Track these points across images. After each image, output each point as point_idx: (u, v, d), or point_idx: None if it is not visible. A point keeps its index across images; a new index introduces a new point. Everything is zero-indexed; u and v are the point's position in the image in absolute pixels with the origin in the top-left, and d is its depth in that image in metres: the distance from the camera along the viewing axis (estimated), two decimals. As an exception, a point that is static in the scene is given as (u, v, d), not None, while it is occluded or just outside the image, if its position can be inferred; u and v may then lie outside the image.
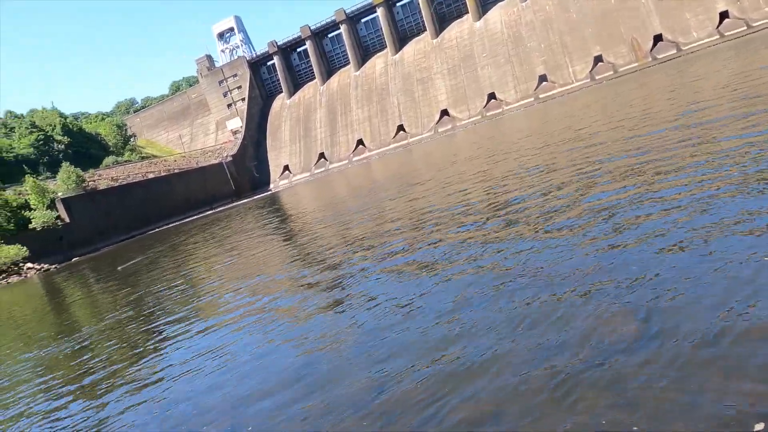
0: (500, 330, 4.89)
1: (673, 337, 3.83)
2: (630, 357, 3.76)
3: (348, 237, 12.99)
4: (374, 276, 8.30)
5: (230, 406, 5.16)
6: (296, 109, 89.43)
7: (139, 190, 68.15)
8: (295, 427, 4.31)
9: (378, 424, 3.95)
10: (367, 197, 22.33)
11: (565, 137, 19.30)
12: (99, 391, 7.00)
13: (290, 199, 40.23)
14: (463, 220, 10.30)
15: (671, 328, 3.95)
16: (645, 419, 3.09)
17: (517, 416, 3.51)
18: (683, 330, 3.88)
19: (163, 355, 7.78)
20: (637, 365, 3.64)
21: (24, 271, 48.26)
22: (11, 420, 6.95)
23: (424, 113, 75.51)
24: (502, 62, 70.86)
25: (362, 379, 4.80)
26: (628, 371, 3.60)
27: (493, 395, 3.86)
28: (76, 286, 25.55)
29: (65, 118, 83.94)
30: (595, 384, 3.58)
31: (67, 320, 15.27)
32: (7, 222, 52.13)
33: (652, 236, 5.92)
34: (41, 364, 9.75)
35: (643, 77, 41.58)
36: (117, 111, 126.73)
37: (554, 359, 4.07)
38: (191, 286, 13.61)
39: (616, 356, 3.83)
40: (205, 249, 22.43)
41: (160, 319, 10.29)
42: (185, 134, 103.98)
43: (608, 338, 4.12)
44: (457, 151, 32.86)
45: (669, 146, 10.56)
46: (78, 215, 58.35)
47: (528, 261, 6.55)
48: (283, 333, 6.95)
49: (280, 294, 9.31)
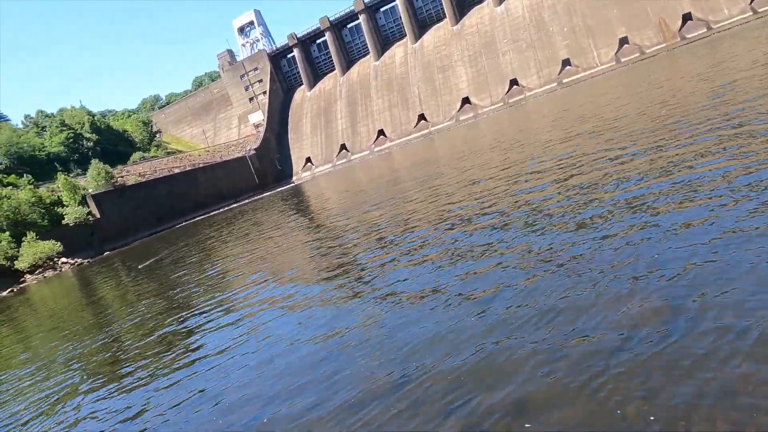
0: (532, 322, 4.86)
1: (703, 330, 3.75)
2: (661, 349, 3.71)
3: (373, 228, 13.03)
4: (401, 267, 8.33)
5: (259, 399, 5.28)
6: (317, 101, 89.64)
7: (166, 185, 69.52)
8: (324, 421, 4.38)
9: (405, 417, 3.99)
10: (390, 188, 22.32)
11: (591, 123, 18.91)
12: (130, 381, 7.23)
13: (313, 191, 40.50)
14: (488, 210, 10.22)
15: (702, 321, 3.87)
16: (668, 409, 3.05)
17: (543, 406, 3.51)
18: (714, 322, 3.80)
19: (192, 348, 7.97)
20: (667, 357, 3.58)
21: (59, 265, 49.94)
22: (49, 407, 7.25)
23: (444, 102, 74.82)
24: (523, 47, 69.57)
25: (391, 373, 4.84)
26: (656, 363, 3.55)
27: (521, 386, 3.86)
28: (107, 279, 26.32)
29: (93, 116, 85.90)
30: (624, 376, 3.54)
31: (101, 313, 15.76)
32: (42, 218, 53.89)
33: (687, 226, 5.79)
34: (76, 355, 10.10)
35: (672, 58, 40.31)
36: (142, 108, 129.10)
37: (583, 351, 4.03)
38: (218, 278, 13.87)
39: (646, 348, 3.78)
40: (231, 242, 22.79)
41: (188, 311, 10.53)
42: (208, 129, 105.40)
43: (640, 330, 4.07)
44: (479, 139, 32.52)
45: (702, 131, 10.26)
46: (108, 211, 59.93)
47: (558, 252, 6.47)
48: (310, 325, 7.04)
49: (306, 286, 9.42)
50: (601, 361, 3.78)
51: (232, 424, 4.85)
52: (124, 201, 62.76)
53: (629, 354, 3.75)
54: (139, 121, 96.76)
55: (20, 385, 9.36)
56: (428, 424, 3.76)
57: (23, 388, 9.06)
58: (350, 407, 4.38)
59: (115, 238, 58.89)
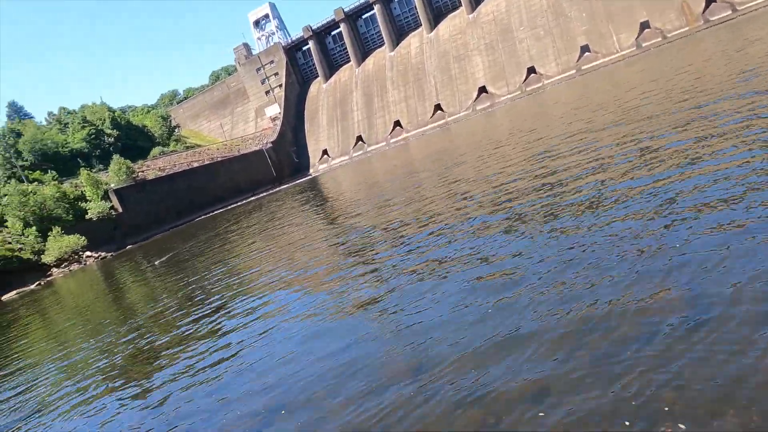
0: (554, 310, 4.84)
1: (721, 322, 3.69)
2: (679, 337, 3.66)
3: (390, 220, 13.05)
4: (420, 257, 8.33)
5: (279, 389, 5.36)
6: (332, 93, 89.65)
7: (185, 179, 70.48)
8: (343, 414, 4.44)
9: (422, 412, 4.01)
10: (407, 180, 22.29)
11: (612, 111, 18.57)
12: (155, 371, 7.41)
13: (330, 184, 40.65)
14: (506, 202, 10.15)
15: (721, 311, 3.81)
16: (687, 399, 3.01)
17: (564, 394, 3.49)
18: (732, 313, 3.73)
19: (214, 338, 8.11)
20: (685, 346, 3.53)
21: (83, 259, 51.13)
22: (79, 398, 7.47)
23: (461, 91, 74.15)
24: (541, 34, 68.43)
25: (410, 361, 4.87)
26: (675, 352, 3.51)
27: (538, 374, 3.85)
28: (130, 272, 26.87)
29: (113, 112, 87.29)
30: (642, 364, 3.50)
31: (125, 305, 16.13)
32: (67, 213, 55.18)
33: (716, 211, 5.67)
34: (103, 346, 10.37)
35: (695, 42, 39.26)
36: (161, 103, 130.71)
37: (607, 339, 4.00)
38: (238, 272, 14.06)
39: (665, 337, 3.73)
40: (250, 235, 23.04)
41: (209, 303, 10.71)
42: (226, 123, 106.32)
43: (659, 319, 4.01)
44: (496, 129, 32.21)
45: (725, 119, 10.01)
46: (130, 205, 61.06)
47: (580, 241, 6.41)
48: (329, 318, 7.10)
49: (325, 278, 9.50)
50: (627, 349, 3.74)
51: (253, 412, 4.94)
52: (144, 195, 63.86)
53: (657, 343, 3.71)
54: (158, 116, 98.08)
55: (52, 375, 9.65)
56: (446, 410, 3.78)
57: (55, 378, 9.34)
58: (368, 394, 4.42)
59: (136, 232, 60.01)
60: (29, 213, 52.30)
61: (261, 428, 4.62)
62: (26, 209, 52.21)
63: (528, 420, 3.39)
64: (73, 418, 6.72)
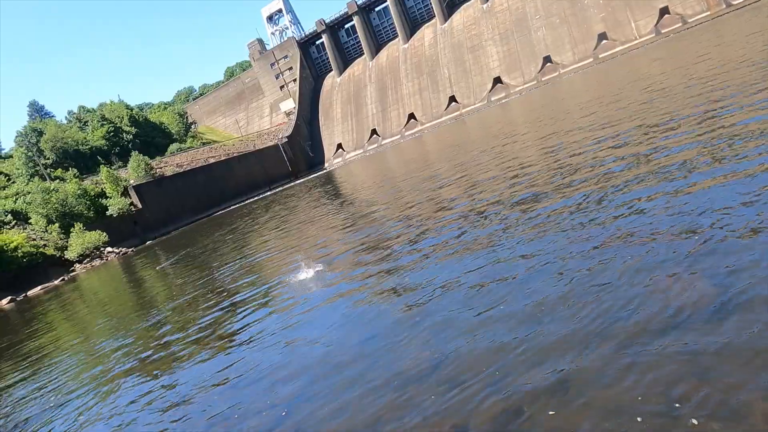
0: (577, 300, 4.79)
1: (748, 312, 3.61)
2: (705, 330, 3.59)
3: (407, 214, 13.03)
4: (437, 252, 8.31)
5: (300, 378, 5.40)
6: (346, 87, 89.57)
7: (203, 174, 71.24)
8: (361, 402, 4.46)
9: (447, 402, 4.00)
10: (422, 172, 22.21)
11: (632, 102, 18.24)
12: (176, 364, 7.52)
13: (345, 178, 40.70)
14: (525, 196, 10.05)
15: (747, 303, 3.72)
16: (722, 395, 2.96)
17: (586, 386, 3.46)
18: (759, 304, 3.64)
19: (234, 330, 8.20)
20: (711, 339, 3.46)
21: (105, 254, 52.11)
22: (100, 389, 7.63)
23: (476, 82, 73.48)
24: (557, 23, 67.35)
25: (431, 353, 4.86)
26: (701, 345, 3.44)
27: (564, 365, 3.81)
28: (151, 267, 27.30)
29: (131, 110, 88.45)
30: (675, 358, 3.45)
31: (146, 299, 16.41)
32: (88, 210, 56.26)
33: (745, 204, 5.55)
34: (124, 342, 10.57)
35: (717, 27, 38.27)
36: (177, 100, 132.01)
37: (631, 331, 3.95)
38: (256, 265, 14.18)
39: (691, 329, 3.66)
40: (267, 230, 23.21)
41: (228, 297, 10.82)
42: (241, 118, 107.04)
43: (685, 310, 3.94)
44: (512, 120, 31.88)
45: (754, 110, 9.75)
46: (149, 201, 61.97)
47: (600, 232, 6.32)
48: (348, 310, 7.13)
49: (343, 273, 9.53)
50: (651, 342, 3.68)
51: (273, 404, 4.99)
52: (163, 191, 64.73)
53: (682, 335, 3.64)
54: (174, 113, 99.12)
55: (75, 368, 9.88)
56: (468, 400, 3.77)
57: (78, 370, 9.55)
58: (389, 386, 4.43)
59: (156, 227, 60.93)
60: (52, 210, 53.42)
61: (281, 420, 4.66)
62: (49, 206, 53.34)
63: (549, 412, 3.36)
64: (94, 411, 6.87)
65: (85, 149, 76.05)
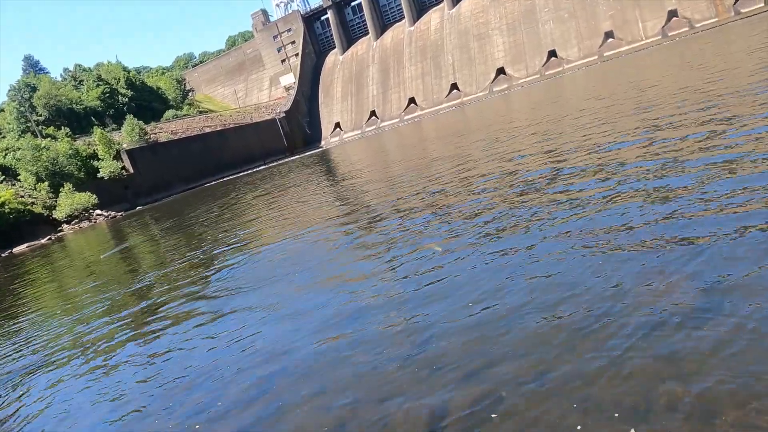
0: (560, 296, 4.81)
1: (733, 312, 3.64)
2: (688, 327, 3.62)
3: (400, 198, 13.00)
4: (426, 235, 8.31)
5: (279, 346, 5.42)
6: (349, 66, 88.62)
7: (197, 143, 70.58)
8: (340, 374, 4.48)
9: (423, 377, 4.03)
10: (421, 158, 22.14)
11: (636, 101, 18.20)
12: (158, 329, 7.52)
13: (341, 157, 40.51)
14: (519, 187, 10.05)
15: (732, 302, 3.76)
16: (700, 396, 2.99)
17: (565, 380, 3.49)
18: (744, 304, 3.68)
19: (219, 301, 8.19)
20: (693, 336, 3.50)
21: (93, 217, 51.72)
22: (83, 350, 7.62)
23: (479, 71, 73.00)
24: (565, 17, 66.82)
25: (413, 336, 4.88)
26: (683, 341, 3.48)
27: (544, 358, 3.84)
28: (139, 232, 27.15)
29: (128, 72, 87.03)
30: (656, 357, 3.48)
31: (132, 264, 16.34)
32: (79, 171, 55.64)
33: (726, 207, 5.58)
34: (109, 303, 10.53)
35: (724, 34, 38.17)
36: (176, 65, 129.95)
37: (612, 330, 3.98)
38: (246, 237, 14.13)
39: (674, 325, 3.70)
40: (259, 203, 23.10)
41: (215, 266, 10.79)
42: (240, 90, 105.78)
43: (668, 307, 3.98)
44: (514, 111, 31.78)
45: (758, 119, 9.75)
46: (141, 166, 61.38)
47: (592, 230, 6.34)
48: (333, 288, 7.13)
49: (333, 249, 9.52)
50: (632, 342, 3.72)
51: (255, 375, 5.00)
52: (156, 157, 64.10)
53: (662, 335, 3.68)
54: (172, 78, 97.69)
55: (57, 328, 9.85)
56: (446, 387, 3.80)
57: (60, 331, 9.53)
58: (370, 368, 4.45)
59: (147, 193, 60.47)
60: (42, 168, 52.78)
61: (257, 394, 4.68)
62: (39, 164, 52.68)
63: (528, 399, 3.39)
64: (74, 370, 6.86)
65: (79, 109, 74.89)
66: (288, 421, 4.05)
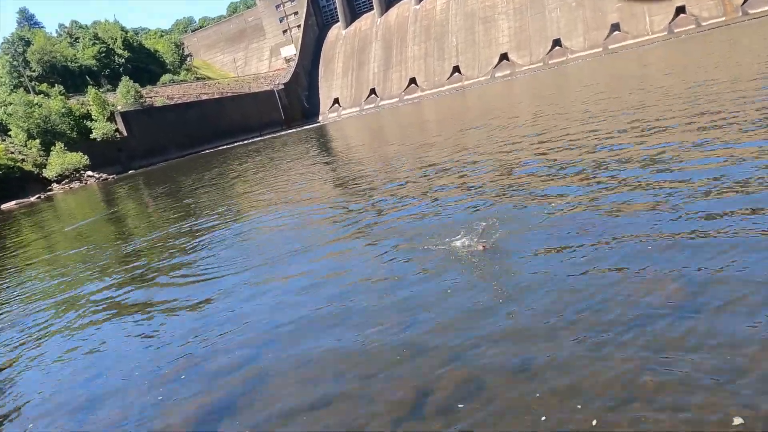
0: (548, 287, 4.84)
1: (714, 308, 3.69)
2: (668, 321, 3.67)
3: (396, 176, 12.94)
4: (415, 217, 8.31)
5: (267, 309, 5.43)
6: (351, 41, 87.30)
7: (194, 110, 69.60)
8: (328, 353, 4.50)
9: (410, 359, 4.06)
10: (418, 138, 22.01)
11: (638, 97, 18.14)
12: (145, 296, 7.51)
13: (339, 133, 40.20)
14: (506, 171, 10.03)
15: (714, 299, 3.80)
16: (678, 385, 3.04)
17: (548, 369, 3.53)
18: (726, 300, 3.72)
19: (205, 272, 8.17)
20: (674, 330, 3.54)
21: (84, 178, 51.16)
22: (66, 312, 7.61)
23: (482, 55, 72.22)
24: (573, 6, 66.01)
25: (399, 317, 4.91)
26: (664, 335, 3.52)
27: (527, 347, 3.88)
28: (130, 196, 26.94)
29: (126, 33, 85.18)
30: (637, 348, 3.53)
31: (121, 226, 16.23)
32: (71, 130, 54.78)
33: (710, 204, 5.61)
34: (96, 265, 10.48)
35: (730, 33, 37.94)
36: (175, 29, 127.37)
37: (594, 321, 4.02)
38: (237, 207, 14.06)
39: (654, 319, 3.74)
40: (252, 175, 22.94)
41: (204, 235, 10.75)
42: (239, 58, 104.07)
43: (653, 306, 4.02)
44: (515, 97, 31.59)
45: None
46: (135, 130, 60.54)
47: (578, 218, 6.36)
48: (322, 266, 7.13)
49: (322, 225, 9.50)
50: (617, 335, 3.76)
51: (240, 343, 5.02)
52: (152, 121, 63.22)
53: (644, 326, 3.72)
54: (171, 42, 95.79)
55: (42, 287, 9.81)
56: (429, 370, 3.83)
57: (45, 290, 9.49)
58: (357, 345, 4.48)
59: (141, 156, 59.80)
60: (33, 125, 51.91)
61: (245, 362, 4.70)
62: (31, 121, 51.79)
63: (510, 385, 3.44)
64: (58, 336, 6.86)
65: (74, 67, 73.42)
66: (273, 393, 4.08)
